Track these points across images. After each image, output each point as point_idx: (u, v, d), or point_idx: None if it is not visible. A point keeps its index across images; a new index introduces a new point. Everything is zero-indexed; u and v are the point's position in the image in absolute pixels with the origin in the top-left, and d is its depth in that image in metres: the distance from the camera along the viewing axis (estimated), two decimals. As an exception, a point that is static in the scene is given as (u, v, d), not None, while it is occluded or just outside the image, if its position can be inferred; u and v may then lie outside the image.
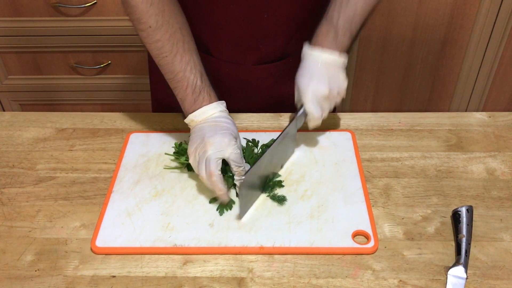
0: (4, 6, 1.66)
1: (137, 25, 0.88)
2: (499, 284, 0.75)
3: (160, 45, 0.88)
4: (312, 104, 0.90)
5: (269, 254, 0.80)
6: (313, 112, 0.90)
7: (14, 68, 1.83)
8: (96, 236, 0.82)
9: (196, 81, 0.90)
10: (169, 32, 0.88)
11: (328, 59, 0.91)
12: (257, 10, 0.96)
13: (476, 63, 1.83)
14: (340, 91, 0.93)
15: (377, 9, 1.75)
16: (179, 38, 0.89)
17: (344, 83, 0.93)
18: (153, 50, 0.90)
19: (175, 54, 0.89)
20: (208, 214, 0.86)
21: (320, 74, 0.91)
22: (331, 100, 0.92)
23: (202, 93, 0.90)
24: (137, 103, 1.90)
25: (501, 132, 1.03)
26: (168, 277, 0.77)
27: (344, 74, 0.93)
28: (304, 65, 0.93)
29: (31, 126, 1.06)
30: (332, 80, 0.91)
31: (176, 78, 0.90)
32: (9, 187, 0.92)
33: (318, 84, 0.90)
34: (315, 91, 0.90)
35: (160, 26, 0.87)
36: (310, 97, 0.90)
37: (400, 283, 0.76)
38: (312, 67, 0.91)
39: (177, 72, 0.89)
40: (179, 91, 0.90)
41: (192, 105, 0.90)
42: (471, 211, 0.83)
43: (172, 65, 0.89)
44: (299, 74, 0.93)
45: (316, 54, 0.91)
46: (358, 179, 0.91)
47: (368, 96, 1.94)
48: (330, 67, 0.91)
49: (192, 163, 0.87)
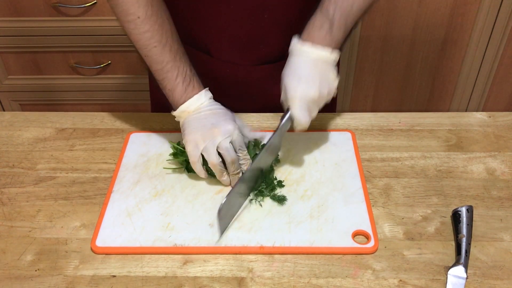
0: (4, 6, 1.66)
1: (124, 16, 0.87)
2: (499, 284, 0.75)
3: (150, 36, 0.88)
4: (300, 110, 0.85)
5: (269, 254, 0.80)
6: (301, 118, 0.85)
7: (14, 68, 1.83)
8: (96, 236, 0.82)
9: (186, 70, 0.90)
10: (158, 22, 0.87)
11: (320, 56, 0.85)
12: (256, 11, 0.96)
13: (476, 63, 1.83)
14: (330, 91, 0.87)
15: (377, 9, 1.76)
16: (168, 28, 0.89)
17: (334, 82, 0.87)
18: (141, 40, 0.88)
19: (164, 44, 0.88)
20: (208, 214, 0.86)
21: (310, 74, 0.85)
22: (320, 102, 0.87)
23: (192, 82, 0.90)
24: (137, 103, 1.90)
25: (501, 132, 1.03)
26: (168, 277, 0.77)
27: (335, 72, 0.87)
28: (292, 62, 0.87)
29: (31, 126, 1.06)
30: (322, 80, 0.85)
31: (165, 68, 0.89)
32: (9, 187, 0.92)
33: (307, 87, 0.84)
34: (304, 96, 0.84)
35: (149, 16, 0.86)
36: (298, 102, 0.85)
37: (400, 283, 0.76)
38: (301, 66, 0.86)
39: (167, 61, 0.89)
40: (168, 81, 0.89)
41: (183, 94, 0.89)
42: (471, 211, 0.83)
43: (161, 55, 0.88)
44: (287, 73, 0.87)
45: (306, 50, 0.85)
46: (358, 179, 0.91)
47: (368, 96, 1.94)
48: (321, 65, 0.85)
49: (193, 151, 0.86)
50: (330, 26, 0.85)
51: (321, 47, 0.85)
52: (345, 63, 1.83)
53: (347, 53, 1.80)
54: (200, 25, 1.00)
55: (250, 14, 0.96)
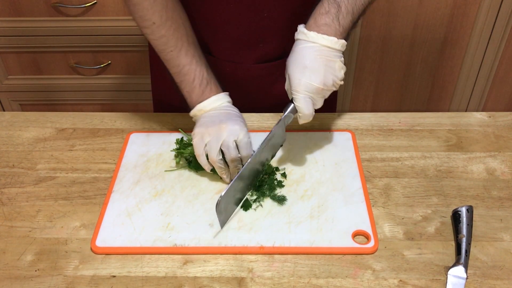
0: (4, 6, 1.66)
1: (141, 22, 0.89)
2: (499, 284, 0.75)
3: (165, 41, 0.89)
4: (304, 101, 0.83)
5: (269, 254, 0.80)
6: (304, 110, 0.84)
7: (14, 68, 1.83)
8: (96, 236, 0.82)
9: (203, 73, 0.91)
10: (173, 27, 0.89)
11: (325, 45, 0.83)
12: (256, 9, 0.96)
13: (476, 63, 1.83)
14: (335, 81, 0.85)
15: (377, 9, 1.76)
16: (183, 32, 0.90)
17: (340, 72, 0.85)
18: (158, 45, 0.90)
19: (180, 48, 0.90)
20: (208, 214, 0.86)
21: (315, 64, 0.83)
22: (325, 93, 0.86)
23: (209, 84, 0.92)
24: (137, 103, 1.90)
25: (501, 132, 1.03)
26: (168, 277, 0.77)
27: (341, 62, 0.85)
28: (297, 50, 0.85)
29: (31, 126, 1.06)
30: (327, 70, 0.83)
31: (182, 72, 0.91)
32: (9, 187, 0.92)
33: (311, 77, 0.83)
34: (308, 86, 0.83)
35: (164, 21, 0.88)
36: (302, 93, 0.83)
37: (400, 283, 0.76)
38: (306, 54, 0.83)
39: (183, 65, 0.91)
40: (185, 84, 0.91)
41: (200, 96, 0.91)
42: (471, 211, 0.83)
43: (177, 59, 0.90)
44: (291, 61, 0.85)
45: (312, 37, 0.83)
46: (358, 179, 0.91)
47: (368, 96, 1.94)
48: (327, 54, 0.83)
49: (198, 143, 0.87)
50: (336, 12, 0.83)
51: (326, 36, 0.83)
52: (345, 63, 1.82)
53: (347, 53, 1.80)
54: (200, 24, 1.00)
55: (249, 13, 0.96)
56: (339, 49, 0.85)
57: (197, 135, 0.88)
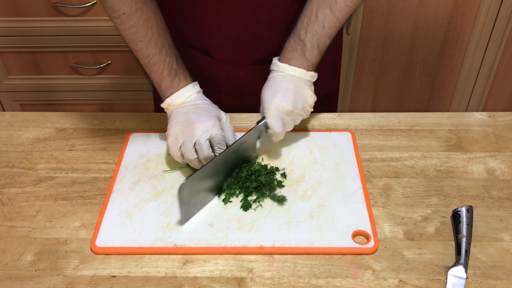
0: (4, 6, 1.66)
1: (111, 13, 0.90)
2: (499, 284, 0.75)
3: (135, 30, 0.90)
4: (275, 119, 0.90)
5: (269, 254, 0.80)
6: (274, 126, 0.90)
7: (14, 68, 1.83)
8: (96, 236, 0.82)
9: (172, 63, 0.92)
10: (143, 17, 0.90)
11: (295, 74, 0.91)
12: (252, 12, 0.96)
13: (476, 63, 1.83)
14: (305, 107, 0.92)
15: (377, 9, 1.75)
16: (153, 23, 0.91)
17: (310, 98, 0.93)
18: (128, 36, 0.92)
19: (149, 38, 0.91)
20: (208, 214, 0.86)
21: (286, 89, 0.91)
22: (295, 116, 0.92)
23: (178, 75, 0.93)
24: (137, 103, 1.90)
25: (501, 132, 1.03)
26: (168, 277, 0.77)
27: (310, 90, 0.93)
28: (270, 79, 0.93)
29: (31, 126, 1.06)
30: (297, 95, 0.91)
31: (151, 62, 0.92)
32: (9, 187, 0.92)
33: (282, 99, 0.90)
34: (279, 106, 0.90)
35: (134, 12, 0.88)
36: (273, 111, 0.90)
37: (400, 283, 0.76)
38: (278, 81, 0.92)
39: (153, 55, 0.92)
40: (155, 74, 0.93)
41: (169, 87, 0.92)
42: (471, 211, 0.83)
43: (147, 49, 0.91)
44: (265, 87, 0.93)
45: (283, 68, 0.92)
46: (358, 179, 0.91)
47: (368, 96, 1.94)
48: (297, 82, 0.91)
49: (173, 144, 0.88)
50: (302, 49, 0.91)
51: (296, 68, 0.91)
52: (345, 63, 1.83)
53: (347, 53, 1.80)
54: (197, 26, 1.00)
55: (246, 15, 0.97)
56: (309, 80, 0.93)
57: (172, 136, 0.89)
